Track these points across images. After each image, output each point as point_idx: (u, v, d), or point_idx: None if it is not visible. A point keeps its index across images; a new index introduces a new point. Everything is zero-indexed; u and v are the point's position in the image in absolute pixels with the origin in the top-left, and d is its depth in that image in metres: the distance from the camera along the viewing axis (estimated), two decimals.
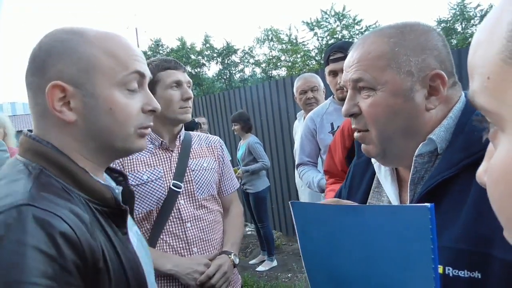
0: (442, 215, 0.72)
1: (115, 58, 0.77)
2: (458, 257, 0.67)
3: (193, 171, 1.61)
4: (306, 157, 2.55)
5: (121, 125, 0.79)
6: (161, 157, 1.59)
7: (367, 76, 0.79)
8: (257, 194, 4.75)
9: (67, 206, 0.68)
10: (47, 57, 0.74)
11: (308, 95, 2.83)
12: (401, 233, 0.64)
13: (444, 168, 0.74)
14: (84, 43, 0.75)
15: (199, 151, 1.68)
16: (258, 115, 6.18)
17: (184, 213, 1.55)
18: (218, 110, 7.09)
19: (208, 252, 1.59)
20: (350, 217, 0.74)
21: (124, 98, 0.78)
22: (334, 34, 19.52)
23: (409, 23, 0.82)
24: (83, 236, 0.66)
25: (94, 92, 0.75)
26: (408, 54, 0.77)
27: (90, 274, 0.66)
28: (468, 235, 0.67)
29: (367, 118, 0.82)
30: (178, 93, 1.55)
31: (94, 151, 0.80)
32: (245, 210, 4.81)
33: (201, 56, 21.72)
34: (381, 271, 0.69)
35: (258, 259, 5.17)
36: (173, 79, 1.54)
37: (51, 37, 0.76)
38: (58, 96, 0.73)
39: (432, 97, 0.78)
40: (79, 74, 0.74)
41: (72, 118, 0.75)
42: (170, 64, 1.56)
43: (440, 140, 0.78)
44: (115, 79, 0.77)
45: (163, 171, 1.56)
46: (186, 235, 1.55)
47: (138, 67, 0.80)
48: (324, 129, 2.40)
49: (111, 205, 0.77)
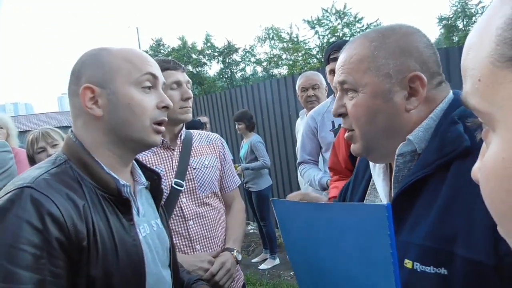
0: (416, 213, 0.75)
1: (131, 63, 0.95)
2: (425, 254, 0.70)
3: (195, 169, 1.62)
4: (307, 156, 2.55)
5: (138, 117, 0.94)
6: (162, 156, 1.60)
7: (350, 78, 0.84)
8: (260, 192, 4.76)
9: (65, 192, 0.82)
10: (81, 68, 0.94)
11: (309, 93, 2.83)
12: (363, 230, 0.68)
13: (420, 167, 0.76)
14: (108, 54, 0.95)
15: (200, 149, 1.69)
16: (260, 114, 6.18)
17: (186, 211, 1.56)
18: (220, 109, 7.09)
19: (211, 249, 1.61)
20: (320, 213, 0.79)
21: (140, 95, 0.95)
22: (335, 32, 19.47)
23: (392, 26, 0.84)
24: (69, 218, 0.79)
25: (115, 90, 0.93)
26: (386, 57, 0.80)
27: (75, 250, 0.80)
28: (435, 233, 0.70)
29: (351, 118, 0.86)
30: (177, 93, 1.56)
31: (117, 144, 0.95)
32: (247, 208, 4.82)
33: (202, 55, 21.69)
34: (348, 265, 0.74)
35: (261, 258, 5.19)
36: (172, 79, 1.55)
37: (84, 54, 0.96)
38: (89, 96, 0.92)
39: (412, 98, 0.80)
40: (104, 77, 0.92)
41: (100, 113, 0.92)
42: (169, 65, 1.57)
43: (419, 141, 0.80)
44: (131, 79, 0.94)
45: (164, 170, 1.57)
46: (188, 233, 1.56)
47: (149, 69, 0.97)
48: (325, 127, 2.40)
49: (114, 193, 0.91)
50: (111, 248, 0.85)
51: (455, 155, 0.72)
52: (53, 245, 0.76)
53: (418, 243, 0.72)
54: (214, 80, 21.37)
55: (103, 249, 0.84)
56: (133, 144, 0.97)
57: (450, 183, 0.71)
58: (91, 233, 0.82)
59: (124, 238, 0.89)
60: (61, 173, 0.86)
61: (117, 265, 0.86)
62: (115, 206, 0.91)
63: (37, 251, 0.74)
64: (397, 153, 0.81)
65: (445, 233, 0.68)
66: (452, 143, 0.73)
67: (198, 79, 20.12)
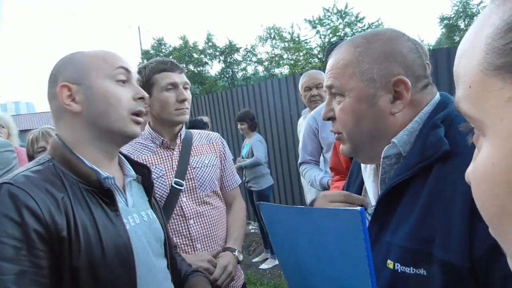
0: (399, 214, 0.77)
1: (103, 59, 1.01)
2: (405, 255, 0.72)
3: (195, 168, 1.62)
4: (308, 156, 2.55)
5: (115, 108, 0.98)
6: (162, 156, 1.60)
7: (337, 83, 0.86)
8: (261, 192, 4.77)
9: (44, 186, 0.86)
10: (56, 72, 0.99)
11: (312, 92, 2.79)
12: (340, 234, 0.71)
13: (403, 170, 0.78)
14: (81, 55, 1.00)
15: (200, 148, 1.70)
16: (261, 113, 6.18)
17: (186, 210, 1.57)
18: (221, 109, 7.09)
19: (212, 248, 1.61)
20: (302, 217, 0.83)
21: (115, 87, 1.00)
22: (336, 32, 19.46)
23: (378, 31, 0.86)
24: (47, 210, 0.82)
25: (90, 84, 0.97)
26: (371, 63, 0.81)
27: (55, 241, 0.82)
28: (415, 235, 0.71)
29: (338, 122, 0.88)
30: (173, 95, 1.56)
31: (99, 138, 0.99)
32: (248, 207, 4.82)
33: (204, 55, 21.69)
34: (329, 266, 0.78)
35: (262, 257, 5.19)
36: (167, 81, 1.55)
37: (59, 60, 1.02)
38: (66, 94, 0.96)
39: (397, 101, 0.81)
40: (78, 74, 0.97)
41: (78, 109, 0.97)
42: (166, 66, 1.57)
43: (403, 144, 0.81)
44: (105, 73, 0.99)
45: (164, 170, 1.57)
46: (189, 232, 1.57)
47: (122, 64, 1.02)
48: (326, 127, 2.40)
49: (96, 185, 0.94)
50: (95, 238, 0.88)
51: (435, 158, 0.74)
52: (32, 237, 0.79)
53: (399, 244, 0.73)
54: (215, 80, 21.38)
55: (86, 239, 0.86)
56: (113, 136, 1.01)
57: (431, 186, 0.73)
58: (71, 223, 0.85)
59: (109, 228, 0.92)
60: (42, 170, 0.91)
61: (103, 255, 0.88)
62: (98, 197, 0.94)
63: (17, 243, 0.77)
64: (382, 156, 0.83)
65: (424, 234, 0.70)
66: (432, 147, 0.75)
67: (199, 79, 20.13)
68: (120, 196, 1.04)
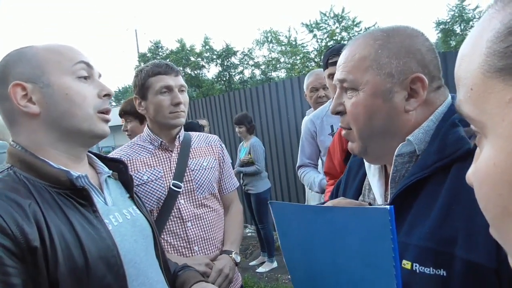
0: (415, 214, 0.75)
1: (60, 54, 0.90)
2: (424, 255, 0.70)
3: (193, 170, 1.62)
4: (307, 159, 2.55)
5: (80, 107, 0.90)
6: (160, 158, 1.60)
7: (350, 77, 0.83)
8: (259, 195, 4.77)
9: (5, 194, 0.76)
10: (4, 69, 0.87)
11: (319, 93, 2.71)
12: (365, 233, 0.68)
13: (419, 169, 0.76)
14: (31, 49, 0.89)
15: (199, 151, 1.69)
16: (258, 117, 6.19)
17: (184, 213, 1.56)
18: (218, 112, 7.10)
19: (209, 250, 1.60)
20: (321, 216, 0.79)
21: (77, 84, 0.90)
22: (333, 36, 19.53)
23: (398, 27, 0.84)
24: (12, 221, 0.72)
25: (49, 83, 0.87)
26: (390, 57, 0.79)
27: (27, 254, 0.73)
28: (434, 235, 0.70)
29: (349, 117, 0.85)
30: (167, 98, 1.55)
31: (62, 138, 0.90)
32: (245, 211, 4.82)
33: (201, 58, 21.70)
34: (349, 267, 0.73)
35: (259, 261, 5.18)
36: (161, 84, 1.55)
37: (5, 56, 0.90)
38: (20, 94, 0.85)
39: (412, 99, 0.80)
40: (33, 71, 0.87)
41: (37, 110, 0.86)
42: (161, 69, 1.56)
43: (418, 142, 0.80)
44: (64, 68, 0.89)
45: (163, 171, 1.57)
46: (187, 234, 1.56)
47: (82, 58, 0.93)
48: (324, 131, 2.40)
49: (68, 186, 0.86)
50: (74, 245, 0.79)
51: (456, 157, 0.72)
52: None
53: (417, 244, 0.72)
54: (212, 83, 21.37)
55: (64, 247, 0.78)
56: (80, 136, 0.92)
57: (450, 185, 0.71)
58: (44, 232, 0.76)
59: (89, 231, 0.83)
60: (2, 178, 0.81)
61: (86, 263, 0.80)
62: (72, 199, 0.86)
63: None
64: (396, 153, 0.81)
65: (445, 234, 0.68)
66: (453, 145, 0.73)
67: (196, 82, 20.12)
68: (98, 195, 0.96)
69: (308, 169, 2.52)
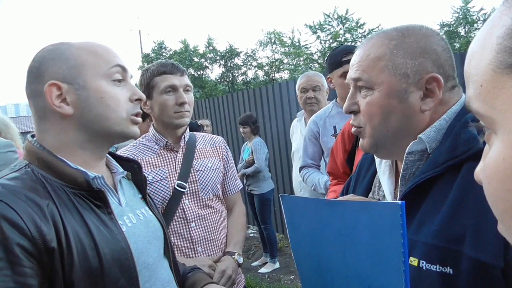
0: (424, 212, 0.76)
1: (97, 55, 0.90)
2: (432, 252, 0.71)
3: (198, 171, 1.63)
4: (310, 160, 2.55)
5: (114, 111, 0.90)
6: (166, 158, 1.61)
7: (365, 76, 0.83)
8: (262, 195, 4.77)
9: (24, 193, 0.75)
10: (40, 65, 0.87)
11: (308, 95, 2.71)
12: (375, 227, 0.68)
13: (430, 167, 0.76)
14: (69, 48, 0.89)
15: (204, 152, 1.70)
16: (261, 118, 6.19)
17: (188, 213, 1.57)
18: (221, 113, 7.11)
19: (213, 251, 1.61)
20: (331, 210, 0.79)
21: (112, 88, 0.91)
22: (337, 37, 19.49)
23: (413, 26, 0.83)
24: (30, 221, 0.72)
25: (85, 85, 0.87)
26: (405, 57, 0.79)
27: (44, 254, 0.73)
28: (442, 232, 0.70)
29: (364, 116, 0.85)
30: (172, 98, 1.56)
31: (91, 139, 0.91)
32: (248, 211, 4.82)
33: (204, 59, 21.70)
34: (357, 262, 0.73)
35: (261, 261, 5.18)
36: (167, 84, 1.55)
37: (41, 51, 0.89)
38: (55, 94, 0.85)
39: (427, 99, 0.80)
40: (70, 72, 0.86)
41: (70, 112, 0.87)
42: (166, 69, 1.57)
43: (430, 140, 0.80)
44: (100, 72, 0.89)
45: (168, 172, 1.58)
46: (190, 235, 1.57)
47: (118, 61, 0.93)
48: (327, 132, 2.41)
49: (84, 187, 0.85)
50: (89, 246, 0.79)
51: (467, 156, 0.72)
52: (15, 253, 0.69)
53: (425, 241, 0.72)
54: (215, 84, 21.37)
55: (80, 248, 0.78)
56: (111, 137, 0.94)
57: (461, 184, 0.71)
58: (61, 233, 0.76)
59: (104, 233, 0.83)
60: (20, 176, 0.81)
61: (100, 264, 0.80)
62: (88, 201, 0.86)
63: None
64: (407, 151, 0.81)
65: (453, 232, 0.68)
66: (465, 144, 0.73)
67: (199, 83, 20.13)
68: (112, 196, 0.96)
69: (311, 170, 2.52)
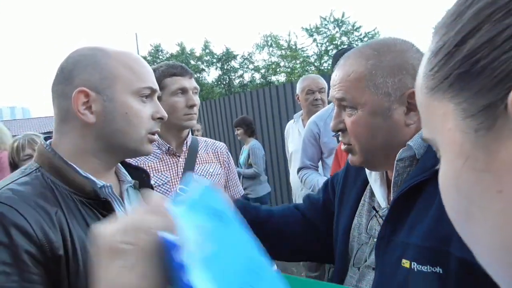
0: (414, 215, 0.78)
1: (132, 70, 0.89)
2: (422, 254, 0.73)
3: (200, 176, 1.63)
4: (308, 161, 2.56)
5: (135, 128, 0.90)
6: (168, 163, 1.61)
7: (348, 96, 0.84)
8: (258, 199, 4.76)
9: (34, 200, 0.76)
10: (73, 68, 0.87)
11: (316, 96, 2.74)
12: None
13: (419, 172, 0.79)
14: (105, 57, 0.88)
15: (205, 157, 1.71)
16: (258, 120, 6.20)
17: None
18: (218, 116, 7.11)
19: None
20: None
21: (138, 105, 0.90)
22: (333, 40, 19.61)
23: (387, 42, 0.85)
24: (39, 227, 0.72)
25: (113, 97, 0.87)
26: (384, 76, 0.81)
27: (51, 262, 0.73)
28: (431, 233, 0.72)
29: (350, 135, 0.87)
30: (183, 100, 1.56)
31: (106, 149, 0.90)
32: None
33: (201, 62, 21.76)
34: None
35: None
36: (178, 86, 1.55)
37: (77, 52, 0.90)
38: (82, 101, 0.85)
39: (411, 112, 0.82)
40: (101, 82, 0.86)
41: (93, 120, 0.86)
42: (176, 70, 1.57)
43: (418, 146, 0.82)
44: (132, 88, 0.89)
45: (170, 176, 1.58)
46: None
47: (151, 84, 0.93)
48: (328, 133, 2.41)
49: (91, 196, 0.85)
50: None
51: None
52: (23, 260, 0.69)
53: (416, 243, 0.74)
54: (212, 87, 21.41)
55: (85, 257, 0.77)
56: (125, 152, 0.94)
57: None
58: (68, 241, 0.76)
59: None
60: (31, 181, 0.80)
61: None
62: (95, 210, 0.85)
63: (6, 268, 0.67)
64: (397, 158, 0.83)
65: (441, 232, 0.70)
66: None
67: None
68: (118, 205, 0.95)
69: (309, 171, 2.53)
